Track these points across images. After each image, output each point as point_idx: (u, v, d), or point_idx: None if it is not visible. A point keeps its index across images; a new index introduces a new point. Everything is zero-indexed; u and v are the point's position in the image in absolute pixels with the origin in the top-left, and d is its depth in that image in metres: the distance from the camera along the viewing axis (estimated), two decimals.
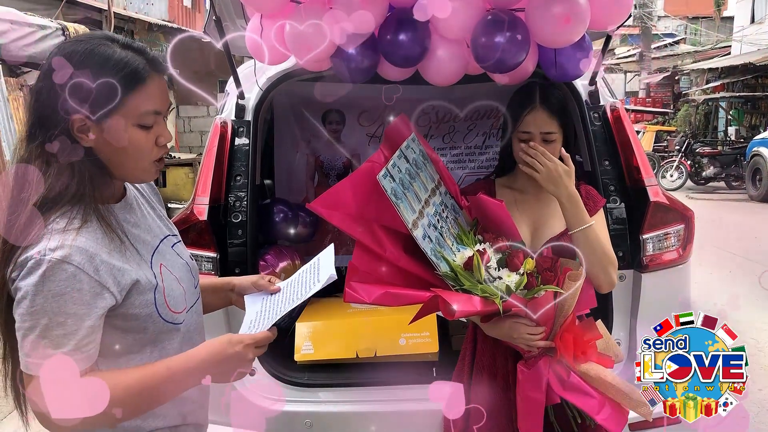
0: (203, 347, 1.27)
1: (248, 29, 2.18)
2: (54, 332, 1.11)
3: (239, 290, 1.57)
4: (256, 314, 1.48)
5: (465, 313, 1.60)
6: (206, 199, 2.42)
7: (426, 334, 2.61)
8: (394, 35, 1.97)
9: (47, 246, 1.12)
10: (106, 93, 1.16)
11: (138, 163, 1.25)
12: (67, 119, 1.16)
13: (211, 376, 1.24)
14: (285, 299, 1.47)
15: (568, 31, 1.86)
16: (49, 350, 1.11)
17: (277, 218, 3.13)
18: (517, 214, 1.88)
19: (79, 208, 1.18)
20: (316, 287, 1.42)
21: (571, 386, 1.73)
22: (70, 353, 1.12)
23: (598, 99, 2.66)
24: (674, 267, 2.45)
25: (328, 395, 2.47)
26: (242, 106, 2.66)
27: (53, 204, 1.17)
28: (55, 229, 1.14)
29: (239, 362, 1.26)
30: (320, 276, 1.47)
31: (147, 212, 1.40)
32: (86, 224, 1.17)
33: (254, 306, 1.53)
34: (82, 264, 1.13)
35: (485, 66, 2.00)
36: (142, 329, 1.26)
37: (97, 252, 1.16)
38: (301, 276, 1.56)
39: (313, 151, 3.69)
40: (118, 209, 1.29)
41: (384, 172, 1.63)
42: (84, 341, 1.14)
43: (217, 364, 1.24)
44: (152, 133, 1.25)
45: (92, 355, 1.17)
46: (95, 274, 1.15)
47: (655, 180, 2.50)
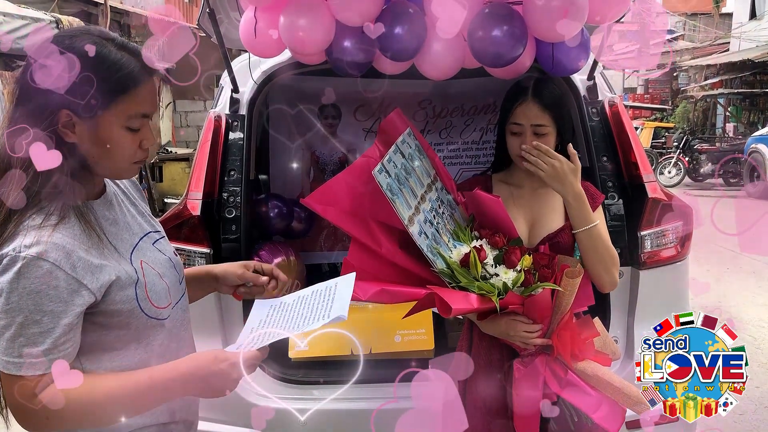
0: (188, 360, 1.24)
1: (242, 22, 2.15)
2: (30, 330, 1.10)
3: (223, 280, 1.54)
4: (260, 322, 1.43)
5: (461, 310, 1.59)
6: (199, 194, 2.40)
7: (422, 331, 2.59)
8: (389, 28, 1.94)
9: (22, 243, 1.10)
10: (98, 93, 1.15)
11: (119, 163, 1.24)
12: (53, 114, 1.14)
13: (194, 390, 1.22)
14: (291, 318, 1.41)
15: (566, 26, 1.84)
16: (25, 348, 1.10)
17: (272, 213, 3.11)
18: (514, 210, 1.86)
19: (57, 204, 1.16)
20: (321, 321, 1.34)
21: (568, 384, 1.72)
22: (46, 352, 1.11)
23: (596, 94, 2.64)
24: (672, 264, 2.43)
25: (322, 392, 2.45)
26: (236, 99, 2.63)
27: (31, 200, 1.15)
28: (31, 225, 1.13)
29: (223, 380, 1.21)
30: (332, 310, 1.39)
31: (127, 209, 1.37)
32: (64, 221, 1.16)
33: (260, 313, 1.48)
34: (59, 261, 1.11)
35: (482, 60, 1.98)
36: (124, 325, 1.23)
37: (74, 249, 1.14)
38: (313, 297, 1.49)
39: (309, 146, 3.66)
40: (97, 206, 1.27)
41: (379, 167, 1.60)
42: (61, 339, 1.12)
43: (200, 380, 1.21)
44: (138, 136, 1.23)
45: (70, 353, 1.15)
46: (72, 271, 1.13)
47: (654, 176, 2.49)
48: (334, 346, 2.61)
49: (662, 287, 2.43)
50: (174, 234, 2.32)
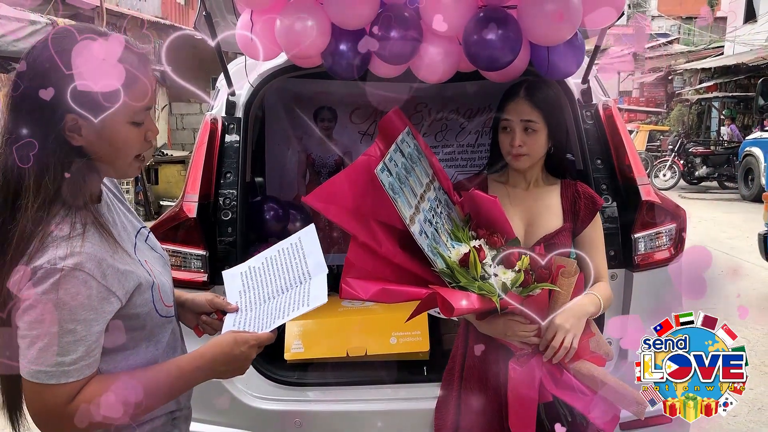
0: (211, 346, 1.31)
1: (238, 25, 2.16)
2: (64, 339, 1.11)
3: (191, 306, 1.54)
4: (239, 293, 1.52)
5: (463, 310, 1.59)
6: (195, 196, 2.39)
7: (417, 333, 2.59)
8: (385, 31, 1.95)
9: (56, 254, 1.10)
10: (98, 92, 1.13)
11: (126, 159, 1.24)
12: (59, 119, 1.13)
13: (218, 374, 1.31)
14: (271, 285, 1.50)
15: (561, 29, 1.85)
16: (59, 357, 1.11)
17: (268, 216, 3.11)
18: (511, 210, 1.87)
19: (77, 211, 1.16)
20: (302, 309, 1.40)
21: (564, 384, 1.73)
22: (79, 359, 1.13)
23: (590, 98, 2.65)
24: (666, 266, 2.45)
25: (318, 394, 2.46)
26: (233, 102, 2.64)
27: (51, 209, 1.14)
28: (60, 236, 1.12)
29: (244, 362, 1.32)
30: (310, 268, 1.49)
31: (119, 209, 1.38)
32: (87, 229, 1.16)
33: (233, 283, 1.55)
34: (93, 270, 1.12)
35: (477, 64, 1.99)
36: (141, 327, 1.27)
37: (103, 257, 1.16)
38: (282, 256, 1.54)
39: (305, 148, 3.67)
40: (100, 210, 1.27)
41: (381, 166, 1.60)
42: (93, 346, 1.15)
43: (223, 363, 1.29)
44: (142, 129, 1.24)
45: (98, 360, 1.18)
46: (103, 280, 1.14)
47: (648, 179, 2.50)
48: (330, 348, 2.61)
49: (656, 289, 2.44)
50: (170, 236, 2.32)
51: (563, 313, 1.71)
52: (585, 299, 1.79)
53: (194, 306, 1.53)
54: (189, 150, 10.33)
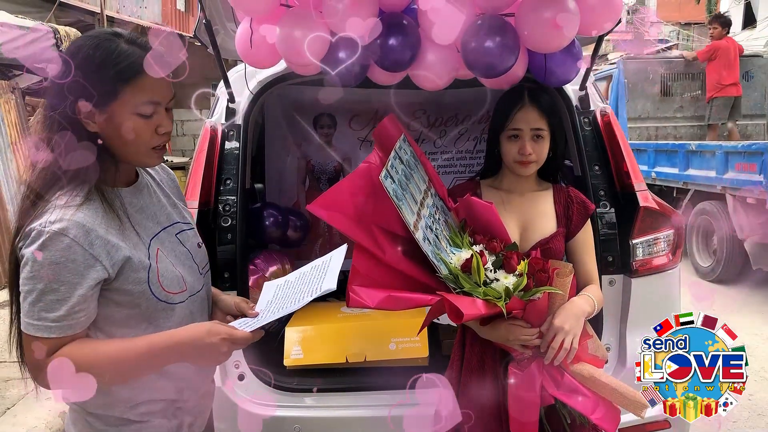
0: (183, 330, 1.35)
1: (238, 32, 2.17)
2: (48, 297, 1.23)
3: (221, 306, 1.63)
4: (267, 303, 1.56)
5: (472, 316, 1.59)
6: (195, 202, 2.40)
7: (416, 338, 2.60)
8: (384, 39, 1.97)
9: (48, 219, 1.23)
10: (105, 83, 1.27)
11: (138, 148, 1.35)
12: (75, 106, 1.26)
13: (188, 358, 1.35)
14: (291, 296, 1.53)
15: (558, 36, 1.86)
16: (43, 313, 1.23)
17: (268, 222, 3.12)
18: (505, 215, 1.88)
19: (83, 187, 1.29)
20: (313, 294, 1.46)
21: (566, 387, 1.73)
22: (60, 318, 1.23)
23: (588, 104, 2.66)
24: (664, 272, 2.45)
25: (317, 400, 2.46)
26: (232, 109, 2.65)
27: (59, 182, 1.28)
28: (58, 204, 1.26)
29: (214, 353, 1.34)
30: (323, 282, 1.52)
31: (158, 199, 1.48)
32: (88, 202, 1.28)
33: (267, 294, 1.61)
34: (78, 237, 1.23)
35: (475, 71, 2.00)
36: (135, 305, 1.34)
37: (93, 227, 1.26)
38: (312, 272, 1.61)
39: (304, 154, 3.68)
40: (125, 193, 1.39)
41: (384, 173, 1.60)
42: (75, 308, 1.24)
43: (193, 349, 1.33)
44: (152, 122, 1.34)
45: (82, 323, 1.28)
46: (89, 248, 1.24)
47: (645, 185, 2.51)
48: (329, 354, 2.61)
49: (654, 295, 2.45)
50: None
51: (561, 314, 1.72)
52: (580, 300, 1.80)
53: (223, 306, 1.62)
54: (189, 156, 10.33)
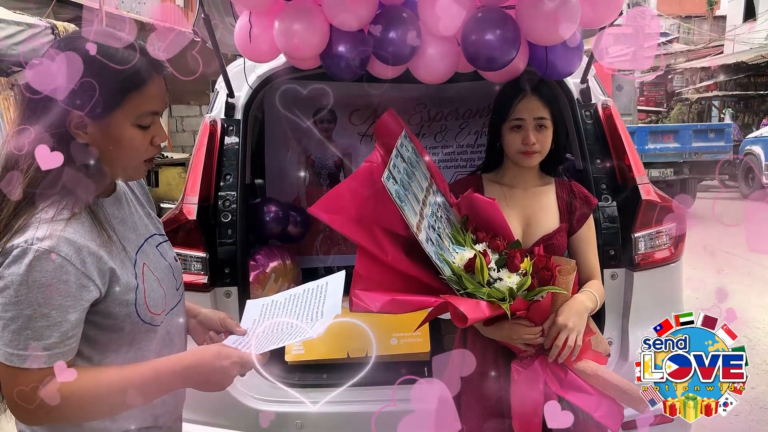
0: (192, 354, 1.26)
1: (237, 27, 2.16)
2: (38, 323, 1.09)
3: (203, 321, 1.52)
4: (253, 322, 1.48)
5: (476, 320, 1.58)
6: (195, 198, 2.40)
7: (417, 334, 2.59)
8: (384, 33, 1.95)
9: (35, 235, 1.10)
10: (106, 92, 1.15)
11: (130, 161, 1.24)
12: (64, 115, 1.14)
13: (194, 384, 1.25)
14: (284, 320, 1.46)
15: (559, 29, 1.85)
16: (32, 342, 1.09)
17: (268, 218, 3.11)
18: (508, 210, 1.87)
19: (69, 199, 1.16)
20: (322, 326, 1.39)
21: (569, 384, 1.73)
22: (52, 345, 1.11)
23: (589, 97, 2.65)
24: (666, 265, 2.44)
25: (318, 396, 2.45)
26: (232, 104, 2.64)
27: (43, 194, 1.14)
28: (44, 218, 1.12)
29: (223, 377, 1.25)
30: (324, 308, 1.46)
31: (135, 209, 1.38)
32: (75, 216, 1.16)
33: (253, 312, 1.52)
34: (70, 255, 1.11)
35: (476, 64, 1.99)
36: (119, 328, 1.24)
37: (85, 244, 1.14)
38: (305, 295, 1.54)
39: (305, 150, 3.67)
40: (107, 204, 1.28)
41: (387, 174, 1.57)
42: (68, 334, 1.13)
43: (200, 374, 1.23)
44: (149, 133, 1.24)
45: (74, 349, 1.16)
46: (82, 267, 1.13)
47: (647, 178, 2.50)
48: (331, 350, 2.61)
49: (656, 289, 2.44)
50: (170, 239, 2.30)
51: (565, 311, 1.71)
52: (582, 296, 1.79)
53: (206, 321, 1.51)
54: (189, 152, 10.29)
